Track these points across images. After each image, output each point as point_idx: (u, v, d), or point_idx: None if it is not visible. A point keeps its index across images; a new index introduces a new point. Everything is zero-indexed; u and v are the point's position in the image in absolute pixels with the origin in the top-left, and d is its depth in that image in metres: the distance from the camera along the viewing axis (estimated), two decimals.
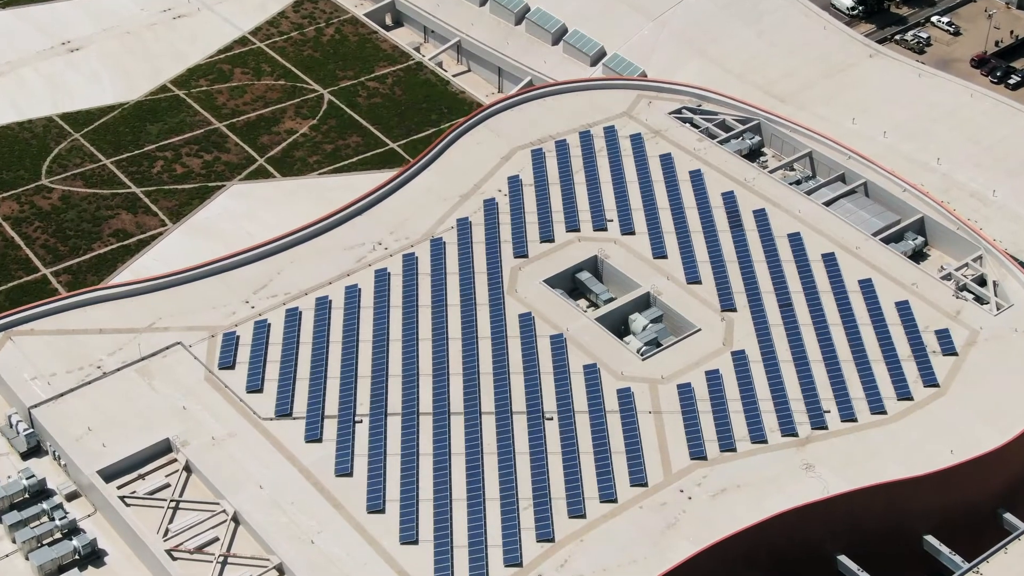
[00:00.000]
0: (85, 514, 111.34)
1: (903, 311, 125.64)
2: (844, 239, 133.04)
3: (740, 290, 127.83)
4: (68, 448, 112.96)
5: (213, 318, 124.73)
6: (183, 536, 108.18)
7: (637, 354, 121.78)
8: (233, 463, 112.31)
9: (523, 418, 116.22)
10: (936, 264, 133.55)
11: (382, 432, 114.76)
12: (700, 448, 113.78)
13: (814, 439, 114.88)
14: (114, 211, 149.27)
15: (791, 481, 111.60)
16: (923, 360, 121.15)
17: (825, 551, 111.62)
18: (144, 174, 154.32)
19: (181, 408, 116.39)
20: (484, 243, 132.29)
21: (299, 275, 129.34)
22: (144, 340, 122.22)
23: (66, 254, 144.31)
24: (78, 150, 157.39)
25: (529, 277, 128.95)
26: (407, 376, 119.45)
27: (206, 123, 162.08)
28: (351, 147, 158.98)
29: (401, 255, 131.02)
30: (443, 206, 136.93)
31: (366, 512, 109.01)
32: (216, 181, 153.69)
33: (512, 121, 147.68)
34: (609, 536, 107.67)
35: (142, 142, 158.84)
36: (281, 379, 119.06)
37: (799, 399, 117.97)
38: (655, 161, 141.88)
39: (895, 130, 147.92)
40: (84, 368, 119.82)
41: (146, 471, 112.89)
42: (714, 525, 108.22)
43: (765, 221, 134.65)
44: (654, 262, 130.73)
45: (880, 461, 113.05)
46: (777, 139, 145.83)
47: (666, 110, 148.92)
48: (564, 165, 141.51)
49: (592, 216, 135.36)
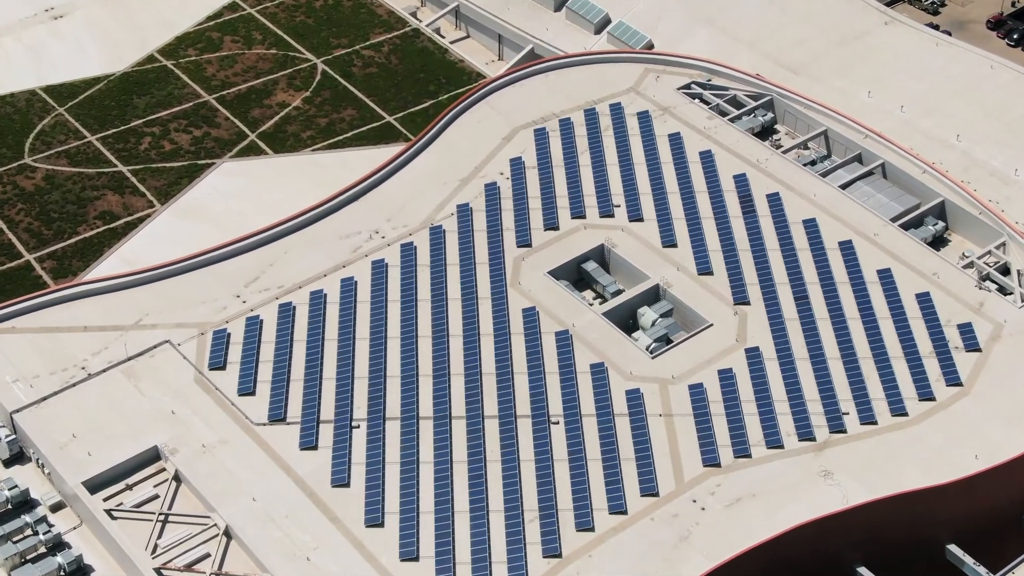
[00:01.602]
0: (71, 526, 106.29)
1: (924, 303, 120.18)
2: (862, 225, 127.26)
3: (753, 281, 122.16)
4: (52, 457, 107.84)
5: (202, 314, 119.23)
6: (173, 552, 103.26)
7: (646, 352, 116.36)
8: (225, 473, 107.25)
9: (527, 422, 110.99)
10: (957, 251, 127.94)
11: (380, 438, 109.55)
12: (713, 454, 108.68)
13: (832, 443, 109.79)
14: (100, 192, 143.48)
15: (809, 489, 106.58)
16: (945, 357, 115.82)
17: (844, 562, 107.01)
18: (131, 151, 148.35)
19: (170, 413, 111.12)
20: (486, 231, 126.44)
21: (292, 267, 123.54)
22: (130, 338, 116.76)
23: (50, 238, 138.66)
24: (62, 126, 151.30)
25: (533, 268, 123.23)
26: (406, 377, 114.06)
27: (195, 96, 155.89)
28: (346, 121, 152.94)
29: (399, 244, 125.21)
30: (442, 191, 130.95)
31: (364, 526, 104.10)
32: (206, 159, 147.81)
33: (513, 98, 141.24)
34: (619, 551, 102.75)
35: (129, 117, 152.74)
36: (274, 381, 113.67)
37: (816, 400, 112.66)
38: (663, 141, 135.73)
39: (912, 104, 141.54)
40: (68, 369, 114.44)
41: (133, 481, 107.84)
42: (729, 538, 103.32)
43: (779, 206, 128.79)
44: (663, 251, 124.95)
45: (901, 467, 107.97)
46: (791, 116, 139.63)
47: (675, 85, 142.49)
48: (568, 145, 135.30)
49: (598, 202, 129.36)
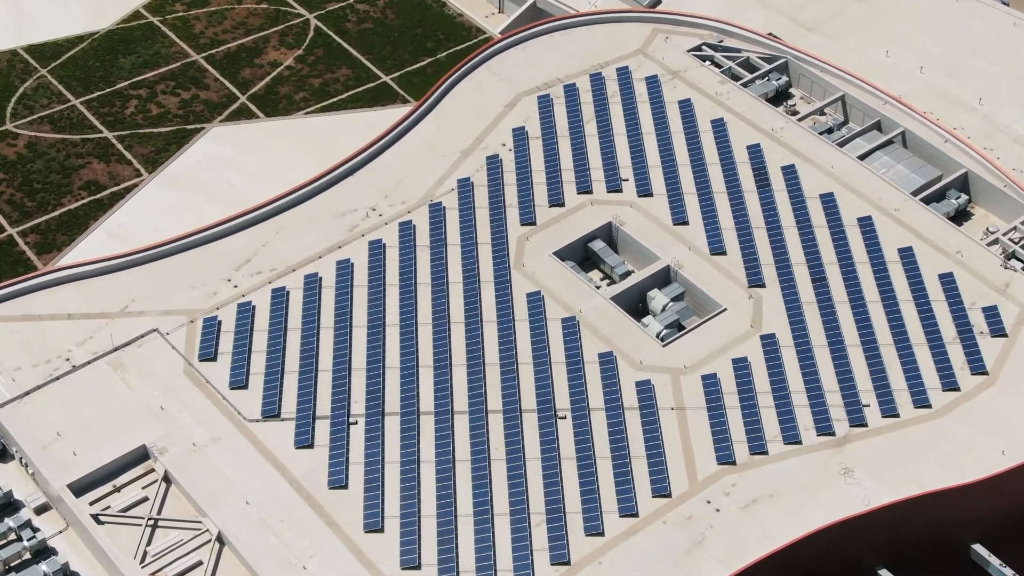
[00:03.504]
0: (56, 530, 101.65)
1: (947, 284, 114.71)
2: (882, 199, 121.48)
3: (769, 262, 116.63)
4: (35, 457, 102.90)
5: (192, 300, 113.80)
6: (163, 560, 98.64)
7: (657, 339, 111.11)
8: (217, 474, 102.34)
9: (533, 417, 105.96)
10: (981, 226, 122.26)
11: (379, 436, 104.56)
12: (728, 451, 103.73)
13: (852, 438, 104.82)
14: (85, 159, 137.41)
15: (828, 489, 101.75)
16: (970, 343, 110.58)
17: (865, 565, 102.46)
18: (116, 116, 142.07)
19: (159, 408, 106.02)
20: (488, 208, 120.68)
21: (285, 248, 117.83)
22: (116, 327, 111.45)
23: (34, 210, 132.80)
24: (45, 88, 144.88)
25: (537, 248, 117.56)
26: (405, 368, 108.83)
27: (183, 55, 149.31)
28: (340, 81, 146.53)
29: (397, 223, 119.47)
30: (442, 163, 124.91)
31: (363, 532, 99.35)
32: (195, 123, 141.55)
33: (516, 61, 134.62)
34: (630, 557, 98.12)
35: (114, 78, 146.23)
36: (268, 373, 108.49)
37: (835, 391, 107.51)
38: (673, 108, 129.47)
39: (932, 65, 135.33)
40: (52, 361, 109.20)
41: (121, 483, 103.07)
42: (745, 542, 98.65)
43: (795, 179, 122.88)
44: (674, 229, 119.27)
45: (925, 464, 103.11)
46: (806, 79, 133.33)
47: (684, 47, 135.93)
48: (574, 113, 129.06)
49: (606, 175, 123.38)
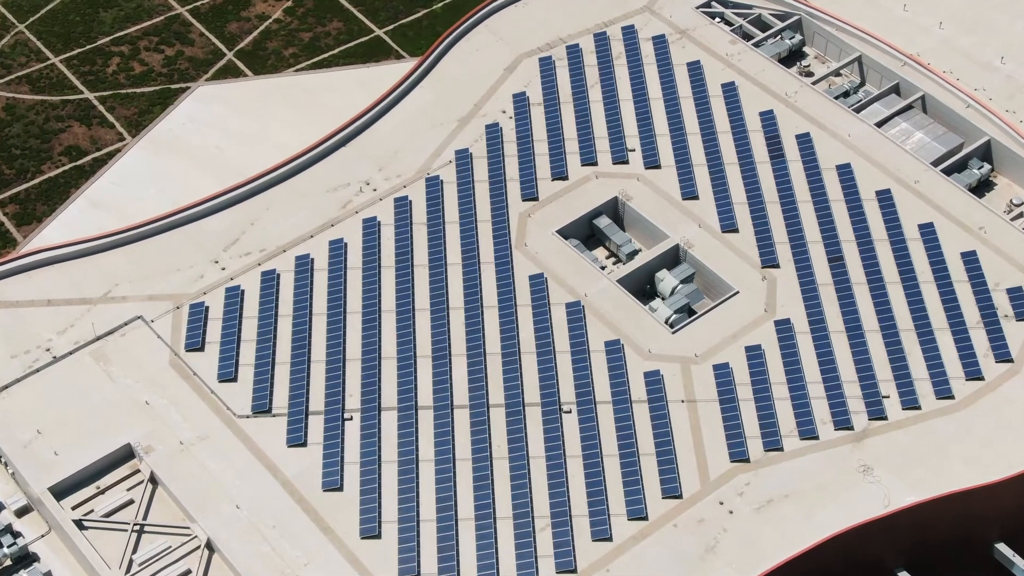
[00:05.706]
0: (38, 534, 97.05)
1: (969, 263, 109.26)
2: (901, 171, 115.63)
3: (783, 240, 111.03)
4: (15, 457, 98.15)
5: (177, 284, 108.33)
6: (150, 569, 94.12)
7: (666, 325, 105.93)
8: (205, 475, 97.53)
9: (537, 411, 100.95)
10: (1004, 197, 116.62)
11: (375, 432, 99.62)
12: (741, 448, 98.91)
13: (871, 432, 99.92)
14: (65, 123, 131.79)
15: (847, 488, 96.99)
16: (994, 327, 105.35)
17: (885, 567, 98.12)
18: (98, 75, 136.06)
19: (144, 403, 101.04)
20: (487, 182, 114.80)
21: (275, 226, 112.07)
22: (99, 314, 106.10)
23: (12, 179, 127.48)
24: (23, 45, 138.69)
25: (540, 226, 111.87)
26: (403, 358, 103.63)
27: (166, 8, 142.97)
28: (331, 35, 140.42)
29: (392, 198, 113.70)
30: (439, 133, 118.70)
31: (359, 538, 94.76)
32: (179, 82, 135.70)
33: (516, 20, 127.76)
34: (639, 564, 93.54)
35: (95, 34, 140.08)
36: (258, 364, 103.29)
37: (853, 381, 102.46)
38: (682, 71, 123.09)
39: (951, 20, 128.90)
40: (31, 351, 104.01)
41: (105, 484, 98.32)
42: (760, 547, 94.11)
43: (810, 149, 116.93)
44: (683, 204, 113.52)
45: (948, 460, 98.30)
46: (820, 38, 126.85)
47: (693, 3, 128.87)
48: (577, 77, 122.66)
49: (611, 145, 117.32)
